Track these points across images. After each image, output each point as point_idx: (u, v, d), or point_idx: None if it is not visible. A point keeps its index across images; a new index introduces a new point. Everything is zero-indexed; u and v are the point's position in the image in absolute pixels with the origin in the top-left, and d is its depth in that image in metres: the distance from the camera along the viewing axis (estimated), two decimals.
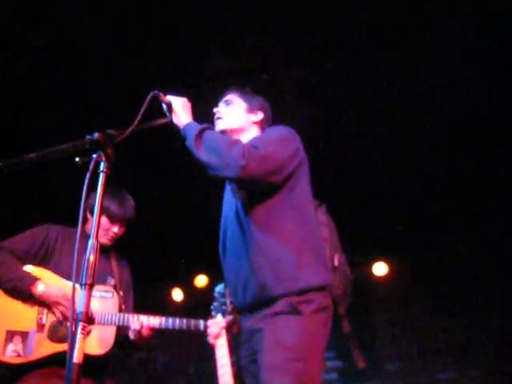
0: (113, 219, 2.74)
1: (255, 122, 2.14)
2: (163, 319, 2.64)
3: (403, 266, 5.48)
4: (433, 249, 5.34)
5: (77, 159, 1.42)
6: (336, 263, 1.93)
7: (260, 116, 2.15)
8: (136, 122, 1.62)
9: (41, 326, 2.52)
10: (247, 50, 3.32)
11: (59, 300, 2.51)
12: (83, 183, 1.38)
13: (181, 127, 1.94)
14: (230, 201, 1.99)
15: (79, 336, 1.21)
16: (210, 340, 1.94)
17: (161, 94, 1.91)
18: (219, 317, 1.96)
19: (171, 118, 1.97)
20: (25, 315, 2.51)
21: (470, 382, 5.07)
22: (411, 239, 5.29)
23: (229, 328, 1.94)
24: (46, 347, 2.46)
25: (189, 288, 5.77)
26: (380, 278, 5.50)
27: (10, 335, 2.43)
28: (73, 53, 3.37)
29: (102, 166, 1.43)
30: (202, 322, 2.56)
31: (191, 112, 2.00)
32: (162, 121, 1.95)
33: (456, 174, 4.57)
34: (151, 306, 5.47)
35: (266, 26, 3.23)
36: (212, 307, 2.01)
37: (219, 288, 2.02)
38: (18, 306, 2.51)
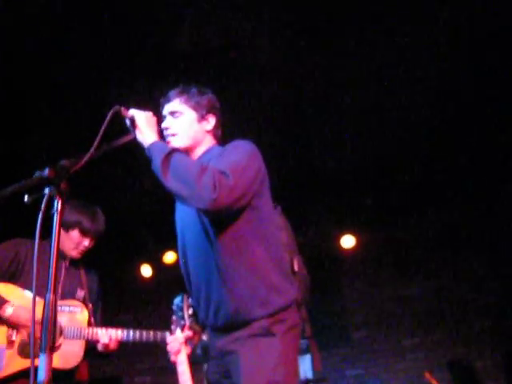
0: (85, 233, 2.77)
1: (208, 131, 2.03)
2: (131, 332, 2.69)
3: (370, 239, 5.58)
4: (400, 222, 5.44)
5: (26, 198, 1.31)
6: (296, 268, 1.93)
7: (212, 122, 2.03)
8: (94, 147, 1.50)
9: (11, 343, 2.54)
10: (215, 25, 3.18)
11: (26, 323, 2.52)
12: (35, 223, 1.28)
13: (145, 146, 1.82)
14: (189, 214, 1.89)
15: None
16: (171, 357, 1.90)
17: (123, 108, 1.78)
18: (178, 332, 1.92)
19: (135, 135, 1.84)
20: None
21: (433, 345, 5.30)
22: (379, 212, 5.37)
23: (188, 342, 1.91)
24: (16, 363, 2.49)
25: (158, 264, 5.74)
26: (348, 250, 5.59)
27: None
28: None
29: (55, 204, 1.32)
30: (167, 334, 2.56)
31: (157, 127, 1.88)
32: (126, 139, 1.81)
33: (426, 145, 4.61)
34: (120, 283, 5.48)
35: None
36: (171, 320, 1.97)
37: (177, 300, 1.97)
38: None
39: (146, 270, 5.76)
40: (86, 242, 2.79)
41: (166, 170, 1.71)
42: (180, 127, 1.97)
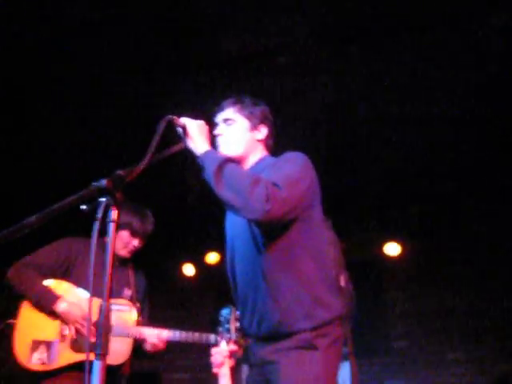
0: (134, 234, 2.87)
1: (260, 140, 2.04)
2: (177, 333, 2.73)
3: (416, 247, 5.45)
4: (447, 231, 5.29)
5: (83, 207, 1.33)
6: (342, 283, 1.91)
7: (264, 132, 2.05)
8: (147, 157, 1.52)
9: (63, 337, 2.64)
10: (266, 29, 3.17)
11: (78, 319, 2.62)
12: (91, 231, 1.30)
13: (198, 155, 1.83)
14: (240, 222, 1.90)
15: None
16: (214, 369, 1.88)
17: (175, 117, 1.80)
18: (223, 345, 1.89)
19: (187, 143, 1.86)
20: (49, 326, 2.63)
21: (477, 363, 5.12)
22: (425, 221, 5.25)
23: (232, 355, 1.88)
24: (68, 356, 2.59)
25: (200, 264, 5.82)
26: (393, 257, 5.49)
27: (36, 344, 2.57)
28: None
29: (111, 213, 1.36)
30: (213, 337, 2.64)
31: (209, 136, 1.89)
32: (178, 147, 1.83)
33: (472, 156, 4.47)
34: (163, 281, 5.58)
35: (289, 3, 3.07)
36: (217, 332, 1.94)
37: (225, 312, 1.94)
38: (42, 317, 2.63)
39: (189, 269, 5.85)
40: (136, 242, 2.88)
41: (219, 180, 1.71)
42: (232, 135, 2.00)
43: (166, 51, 3.22)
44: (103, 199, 1.33)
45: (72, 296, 2.67)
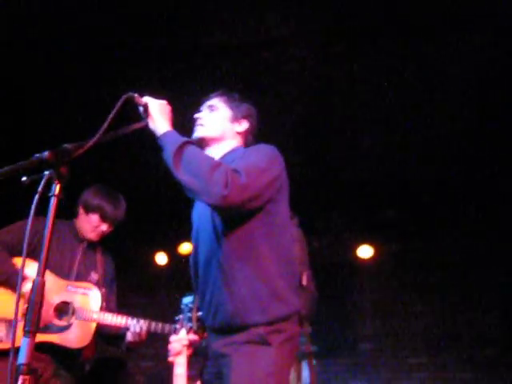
0: (104, 218, 2.82)
1: (238, 133, 2.04)
2: (141, 322, 2.69)
3: (389, 251, 5.52)
4: (420, 237, 5.36)
5: (23, 178, 1.29)
6: (304, 282, 1.90)
7: (244, 126, 2.05)
8: (100, 132, 1.47)
9: (25, 316, 2.55)
10: (249, 25, 3.18)
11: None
12: (30, 205, 1.27)
13: (157, 135, 1.79)
14: (204, 212, 1.88)
15: None
16: (170, 357, 1.82)
17: (136, 95, 1.75)
18: (183, 333, 1.84)
19: (147, 122, 1.81)
20: (10, 304, 2.56)
21: (439, 367, 5.20)
22: (399, 225, 5.31)
23: (191, 345, 1.84)
24: None
25: (173, 253, 5.81)
26: (365, 260, 5.54)
27: None
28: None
29: (53, 187, 1.31)
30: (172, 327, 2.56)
31: (170, 116, 1.86)
32: (138, 125, 1.77)
33: (452, 166, 4.53)
34: (135, 268, 5.55)
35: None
36: (177, 319, 1.90)
37: (187, 300, 1.90)
38: (5, 295, 2.58)
39: (162, 258, 5.84)
40: (104, 227, 2.84)
41: (178, 162, 1.69)
42: (211, 119, 2.00)
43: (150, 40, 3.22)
44: (46, 172, 1.30)
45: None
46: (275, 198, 1.81)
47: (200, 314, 1.86)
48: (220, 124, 2.00)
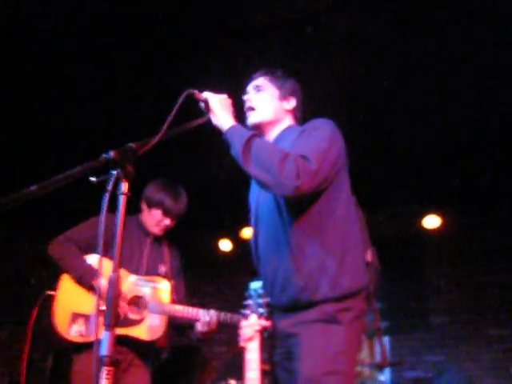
0: (166, 213, 2.85)
1: (288, 111, 2.03)
2: (232, 316, 2.72)
3: (458, 220, 5.29)
4: (490, 203, 5.09)
5: (92, 178, 1.32)
6: (369, 258, 1.86)
7: (292, 103, 2.04)
8: (163, 130, 1.49)
9: (101, 311, 2.65)
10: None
11: None
12: (100, 205, 1.32)
13: (223, 131, 1.80)
14: (263, 192, 1.87)
15: (104, 381, 1.18)
16: (242, 342, 1.81)
17: (195, 91, 1.77)
18: (254, 318, 1.81)
19: (210, 117, 1.82)
20: (88, 300, 2.68)
21: None
22: (466, 193, 5.07)
23: (263, 330, 1.80)
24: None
25: (236, 239, 5.86)
26: (433, 230, 5.34)
27: (75, 317, 2.64)
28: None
29: (121, 186, 1.34)
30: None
31: (232, 109, 1.86)
32: (199, 121, 1.79)
33: None
34: (199, 256, 5.66)
35: None
36: (245, 305, 1.83)
37: (255, 286, 1.85)
38: (82, 291, 2.69)
39: (226, 245, 5.91)
40: (167, 221, 2.87)
41: (248, 157, 1.69)
42: (260, 101, 2.00)
43: (191, 23, 3.20)
44: (114, 172, 1.33)
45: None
46: (339, 174, 1.80)
47: (268, 299, 1.84)
48: (270, 105, 2.00)
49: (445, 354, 5.19)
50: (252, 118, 1.98)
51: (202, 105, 1.83)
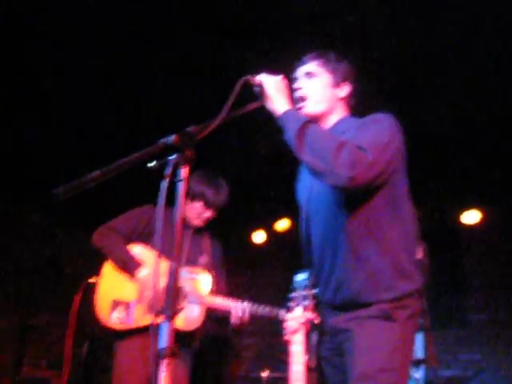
0: (208, 205, 2.84)
1: (341, 99, 1.93)
2: (254, 306, 2.70)
3: (496, 215, 5.15)
4: None
5: (151, 164, 1.29)
6: (420, 256, 1.81)
7: (346, 90, 1.93)
8: (221, 115, 1.46)
9: (141, 299, 2.69)
10: None
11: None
12: (158, 190, 1.26)
13: (277, 115, 1.73)
14: (318, 185, 1.82)
15: (163, 374, 1.16)
16: (287, 335, 1.80)
17: (250, 77, 1.70)
18: (299, 310, 1.80)
19: (264, 102, 1.75)
20: (129, 288, 2.70)
21: None
22: (506, 187, 4.91)
23: (308, 323, 1.79)
24: (145, 318, 2.64)
25: (270, 231, 5.84)
26: (471, 226, 5.22)
27: (115, 304, 2.67)
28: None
29: (181, 171, 1.29)
30: (282, 312, 2.58)
31: (288, 92, 1.78)
32: (255, 104, 1.73)
33: None
34: (233, 248, 5.66)
35: None
36: (290, 297, 1.84)
37: (301, 278, 1.84)
38: (123, 279, 2.71)
39: (260, 236, 5.90)
40: (209, 213, 2.87)
41: (302, 143, 1.63)
42: (313, 89, 1.89)
43: (238, 12, 3.16)
44: (172, 157, 1.29)
45: (153, 262, 2.70)
46: (397, 169, 1.73)
47: (315, 291, 1.82)
48: (323, 93, 1.89)
49: (481, 352, 5.07)
50: (305, 110, 1.88)
51: (257, 89, 1.76)
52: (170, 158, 1.30)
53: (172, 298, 1.22)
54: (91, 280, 2.87)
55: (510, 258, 5.19)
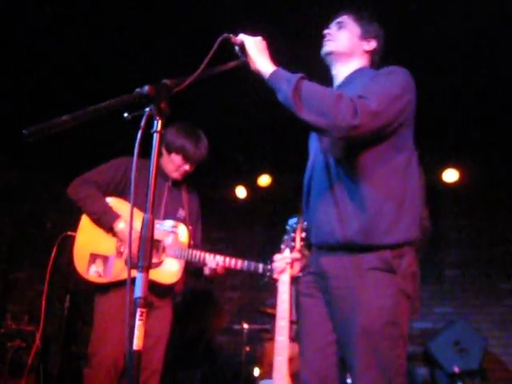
0: (187, 158, 2.82)
1: (366, 51, 1.96)
2: (233, 260, 2.71)
3: (475, 175, 5.21)
4: (507, 161, 4.99)
5: (125, 114, 1.28)
6: (424, 216, 1.83)
7: (373, 45, 1.97)
8: (199, 70, 1.44)
9: (119, 253, 2.71)
10: None
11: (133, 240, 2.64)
12: (133, 141, 1.26)
13: (264, 76, 1.71)
14: (318, 152, 1.84)
15: (138, 323, 1.15)
16: (275, 274, 1.89)
17: (231, 35, 1.70)
18: (287, 252, 1.87)
19: (245, 60, 1.76)
20: (107, 241, 2.70)
21: None
22: (487, 147, 4.96)
23: (294, 264, 1.87)
24: (123, 272, 2.66)
25: (252, 186, 5.84)
26: (450, 184, 5.29)
27: (93, 257, 2.67)
28: None
29: (155, 123, 1.29)
30: (261, 266, 2.65)
31: (268, 51, 1.77)
32: (235, 63, 1.74)
33: None
34: (214, 202, 5.67)
35: None
36: (282, 240, 1.91)
37: (292, 222, 1.90)
38: (101, 232, 2.70)
39: (241, 192, 5.90)
40: (187, 167, 2.85)
41: (299, 102, 1.60)
42: (340, 35, 1.93)
43: None
44: (147, 108, 1.28)
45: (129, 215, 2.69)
46: (406, 123, 1.74)
47: (304, 235, 1.87)
48: (349, 40, 1.93)
49: (454, 306, 5.25)
50: (327, 47, 1.93)
51: (238, 48, 1.76)
52: (145, 109, 1.29)
53: (146, 250, 1.21)
54: (69, 233, 2.85)
55: (484, 215, 5.30)
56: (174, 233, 2.75)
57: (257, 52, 1.73)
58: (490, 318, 5.07)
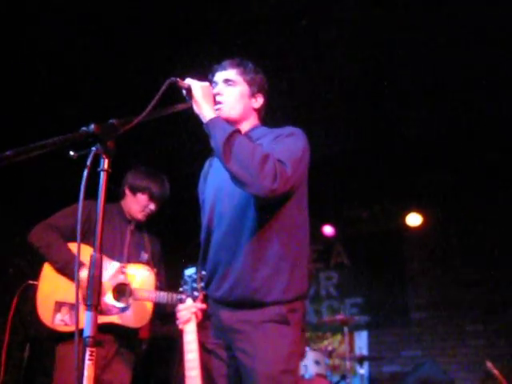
0: (152, 198, 2.88)
1: (255, 109, 2.03)
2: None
3: (438, 218, 5.36)
4: (470, 201, 5.17)
5: (71, 153, 1.30)
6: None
7: (260, 101, 2.04)
8: (145, 112, 1.47)
9: (85, 300, 2.58)
10: None
11: None
12: (80, 180, 1.26)
13: (203, 120, 1.79)
14: (228, 181, 1.83)
15: (87, 362, 1.14)
16: (180, 325, 1.87)
17: (178, 79, 1.74)
18: (189, 301, 1.88)
19: (191, 104, 1.82)
20: (71, 289, 2.61)
21: (496, 334, 5.06)
22: (448, 191, 5.13)
23: (199, 313, 1.87)
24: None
25: None
26: (414, 228, 5.42)
27: (59, 306, 2.59)
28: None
29: (102, 162, 1.30)
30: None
31: (213, 98, 1.86)
32: (183, 106, 1.79)
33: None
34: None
35: None
36: (181, 290, 1.93)
37: (190, 272, 1.93)
38: (65, 279, 2.64)
39: None
40: (152, 206, 2.90)
41: (228, 153, 1.69)
42: (231, 96, 1.95)
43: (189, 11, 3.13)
44: (94, 148, 1.29)
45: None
46: (303, 181, 1.90)
47: (202, 284, 1.91)
48: (240, 101, 1.97)
49: (421, 349, 5.28)
50: (221, 113, 1.92)
51: (185, 92, 1.81)
52: (92, 148, 1.30)
53: (94, 288, 1.22)
54: (31, 282, 2.77)
55: (448, 258, 5.42)
56: (139, 275, 2.74)
57: (202, 97, 1.79)
58: (456, 359, 5.11)
